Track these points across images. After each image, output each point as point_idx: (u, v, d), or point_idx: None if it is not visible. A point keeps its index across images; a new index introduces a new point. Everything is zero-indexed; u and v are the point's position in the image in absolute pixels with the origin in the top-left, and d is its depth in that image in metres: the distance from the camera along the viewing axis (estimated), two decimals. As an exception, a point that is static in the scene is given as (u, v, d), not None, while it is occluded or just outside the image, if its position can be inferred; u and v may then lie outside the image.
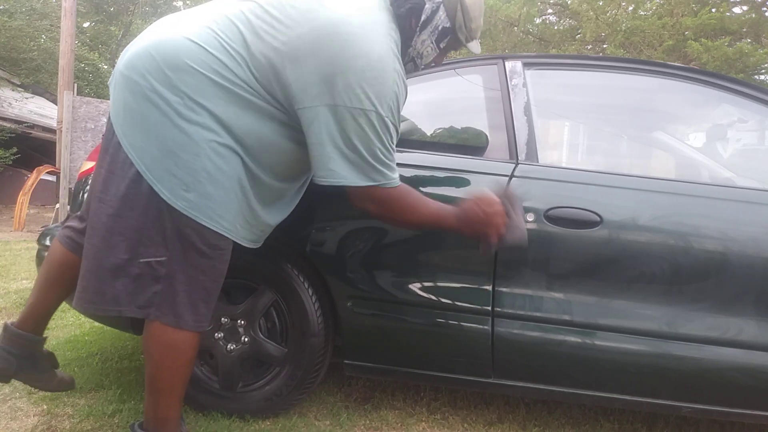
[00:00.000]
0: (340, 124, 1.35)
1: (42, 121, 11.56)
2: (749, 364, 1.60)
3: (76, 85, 8.78)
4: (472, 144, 1.90)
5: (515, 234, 1.49)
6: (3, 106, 10.61)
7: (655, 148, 2.37)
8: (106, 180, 1.39)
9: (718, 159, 2.41)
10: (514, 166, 1.74)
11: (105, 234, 1.36)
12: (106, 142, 1.43)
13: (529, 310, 1.68)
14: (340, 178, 1.39)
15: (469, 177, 1.75)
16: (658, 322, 1.62)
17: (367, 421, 1.87)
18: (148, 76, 1.34)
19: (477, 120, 1.97)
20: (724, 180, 2.11)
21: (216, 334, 1.79)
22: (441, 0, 1.48)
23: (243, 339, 1.79)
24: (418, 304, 1.74)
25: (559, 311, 1.66)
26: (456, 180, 1.76)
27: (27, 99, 11.73)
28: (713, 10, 9.74)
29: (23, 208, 7.84)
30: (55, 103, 10.71)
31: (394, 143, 1.44)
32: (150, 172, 1.33)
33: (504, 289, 1.68)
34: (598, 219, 1.64)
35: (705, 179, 2.16)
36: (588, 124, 2.38)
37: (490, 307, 1.69)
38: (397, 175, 1.45)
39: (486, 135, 1.90)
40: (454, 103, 2.13)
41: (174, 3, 18.42)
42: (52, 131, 9.95)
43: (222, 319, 1.78)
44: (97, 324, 2.60)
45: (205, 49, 1.34)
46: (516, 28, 12.30)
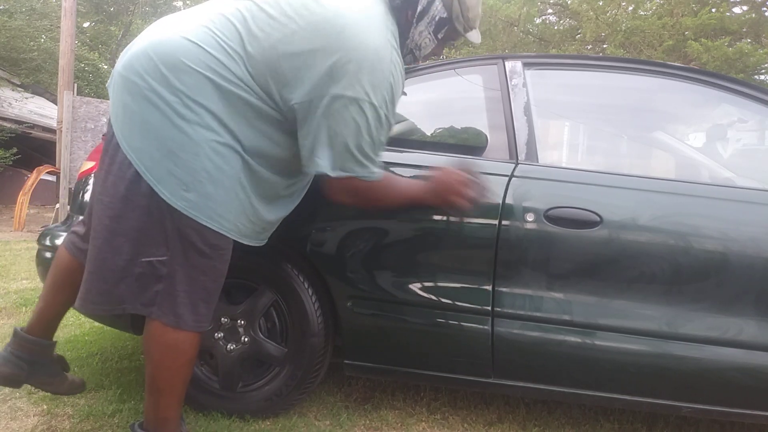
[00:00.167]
0: (332, 113, 1.35)
1: (42, 121, 11.55)
2: (749, 364, 1.60)
3: (76, 85, 8.79)
4: (472, 144, 1.90)
5: (478, 190, 1.59)
6: (3, 106, 10.61)
7: (655, 148, 2.36)
8: (106, 182, 1.39)
9: (718, 159, 2.41)
10: (514, 166, 1.74)
11: (107, 236, 1.37)
12: (106, 144, 1.43)
13: (529, 310, 1.68)
14: (324, 168, 1.40)
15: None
16: (658, 322, 1.62)
17: (367, 421, 1.87)
18: (146, 76, 1.34)
19: (477, 120, 1.97)
20: (724, 180, 2.11)
21: (216, 334, 1.79)
22: None
23: (243, 339, 1.79)
24: (418, 304, 1.74)
25: (559, 311, 1.66)
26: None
27: (27, 99, 11.73)
28: (713, 10, 9.74)
29: (23, 208, 7.84)
30: (55, 103, 10.71)
31: (384, 136, 1.44)
32: (149, 172, 1.33)
33: (504, 289, 1.68)
34: (598, 219, 1.64)
35: (705, 179, 2.16)
36: (588, 124, 2.38)
37: (490, 307, 1.69)
38: (379, 169, 1.46)
39: (486, 135, 1.90)
40: (454, 103, 2.13)
41: (174, 3, 18.42)
42: (52, 131, 9.94)
43: (222, 319, 1.78)
44: (97, 324, 2.60)
45: (202, 47, 1.34)
46: (516, 28, 12.30)
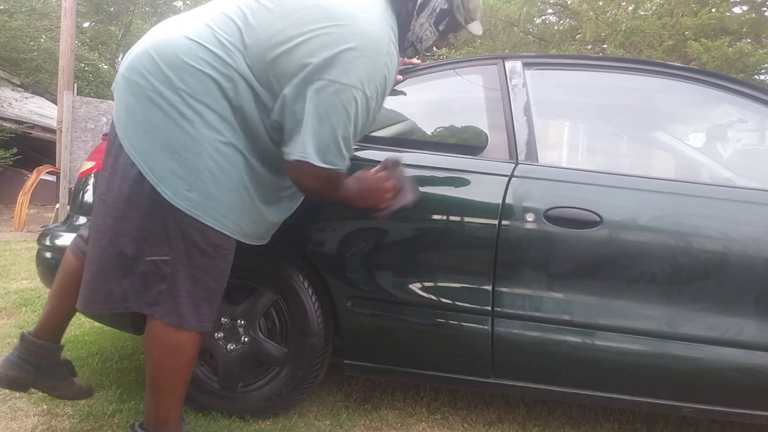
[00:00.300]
0: (324, 98, 1.32)
1: (42, 121, 11.55)
2: (749, 364, 1.60)
3: (76, 85, 8.79)
4: (471, 144, 1.90)
5: (404, 197, 1.56)
6: (3, 106, 10.61)
7: (655, 148, 2.36)
8: (109, 182, 1.39)
9: (718, 159, 2.41)
10: (514, 166, 1.74)
11: (111, 236, 1.37)
12: (109, 145, 1.44)
13: (529, 310, 1.68)
14: (304, 155, 1.35)
15: (469, 177, 1.75)
16: (658, 322, 1.62)
17: (367, 421, 1.87)
18: (148, 76, 1.34)
19: (477, 120, 1.97)
20: (724, 180, 2.11)
21: (216, 334, 1.79)
22: None
23: (243, 339, 1.79)
24: (418, 304, 1.74)
25: (559, 311, 1.66)
26: (456, 180, 1.76)
27: (27, 99, 11.73)
28: (713, 10, 9.72)
29: (23, 208, 7.84)
30: (55, 103, 10.71)
31: (364, 129, 1.43)
32: (152, 172, 1.33)
33: (504, 289, 1.68)
34: (598, 219, 1.64)
35: (705, 179, 2.15)
36: (588, 124, 2.38)
37: (490, 307, 1.69)
38: (348, 163, 1.44)
39: (485, 135, 1.90)
40: (454, 103, 2.13)
41: (174, 3, 18.42)
42: (52, 131, 9.94)
43: (222, 319, 1.78)
44: (97, 324, 2.60)
45: (203, 45, 1.34)
46: (516, 28, 12.28)
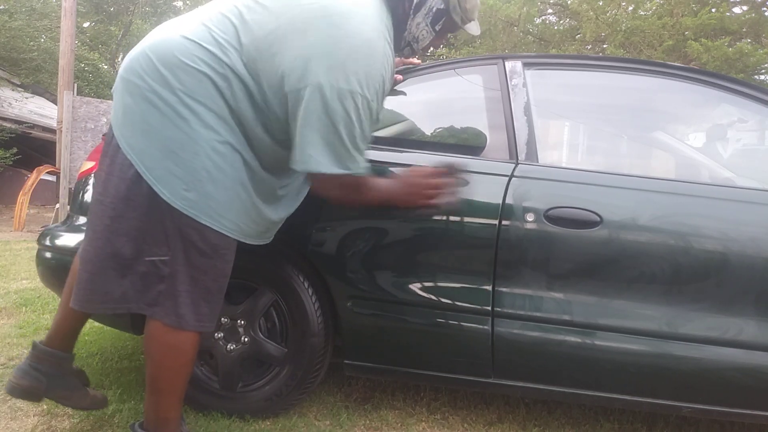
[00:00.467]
0: (325, 104, 1.32)
1: (42, 121, 11.56)
2: (749, 364, 1.60)
3: (76, 85, 8.79)
4: (470, 144, 1.90)
5: (448, 200, 1.56)
6: (3, 106, 10.62)
7: (655, 148, 2.36)
8: (106, 182, 1.39)
9: (718, 159, 2.41)
10: (514, 166, 1.74)
11: (109, 236, 1.36)
12: (106, 146, 1.44)
13: (529, 310, 1.68)
14: (316, 164, 1.36)
15: (469, 177, 1.75)
16: (658, 322, 1.62)
17: (367, 421, 1.87)
18: (145, 76, 1.34)
19: (477, 120, 1.97)
20: (724, 180, 2.11)
21: (216, 334, 1.79)
22: None
23: (243, 339, 1.79)
24: (418, 304, 1.74)
25: (559, 311, 1.66)
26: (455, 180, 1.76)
27: (27, 99, 11.73)
28: (713, 10, 9.73)
29: (23, 208, 7.84)
30: (55, 103, 10.71)
31: (369, 131, 1.43)
32: (150, 172, 1.33)
33: (504, 289, 1.68)
34: (598, 219, 1.64)
35: (705, 179, 2.15)
36: (588, 124, 2.38)
37: (490, 307, 1.69)
38: (367, 163, 1.45)
39: (485, 135, 1.89)
40: (454, 103, 2.13)
41: (174, 3, 18.41)
42: (52, 131, 9.95)
43: (222, 319, 1.78)
44: (97, 324, 2.60)
45: (199, 44, 1.35)
46: (516, 28, 12.29)
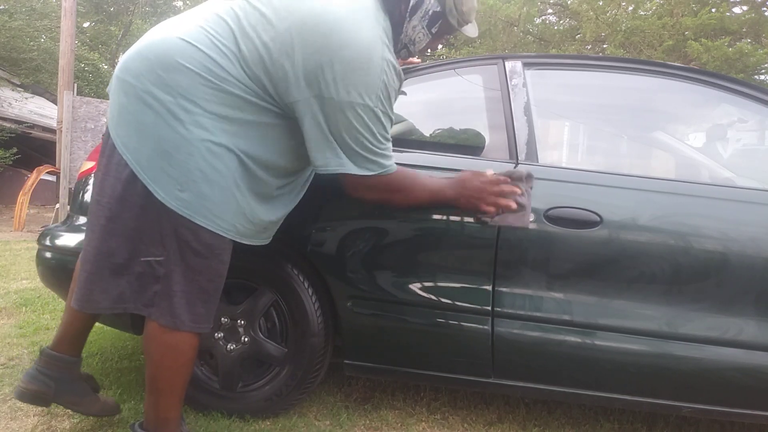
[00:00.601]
0: (328, 116, 1.36)
1: (42, 121, 11.56)
2: (749, 364, 1.60)
3: (76, 85, 8.79)
4: (470, 144, 1.90)
5: (521, 216, 1.54)
6: (3, 106, 10.62)
7: (655, 148, 2.36)
8: (103, 182, 1.40)
9: (718, 159, 2.41)
10: (514, 166, 1.74)
11: (104, 236, 1.37)
12: (103, 146, 1.44)
13: (529, 310, 1.68)
14: (337, 166, 1.41)
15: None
16: (658, 322, 1.62)
17: (367, 421, 1.87)
18: (141, 77, 1.34)
19: (477, 120, 1.97)
20: (724, 180, 2.11)
21: (216, 334, 1.79)
22: None
23: (243, 339, 1.79)
24: (418, 304, 1.74)
25: (559, 311, 1.66)
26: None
27: (27, 99, 11.74)
28: (713, 10, 9.73)
29: (23, 208, 7.84)
30: (55, 103, 10.72)
31: (387, 131, 1.44)
32: (144, 172, 1.33)
33: (504, 289, 1.68)
34: (598, 219, 1.64)
35: (705, 179, 2.15)
36: (588, 124, 2.38)
37: (490, 307, 1.69)
38: (391, 162, 1.46)
39: (484, 135, 1.89)
40: (454, 103, 2.13)
41: (174, 3, 18.41)
42: (52, 131, 9.96)
43: (222, 319, 1.78)
44: (97, 324, 2.59)
45: (196, 47, 1.34)
46: (516, 28, 12.29)
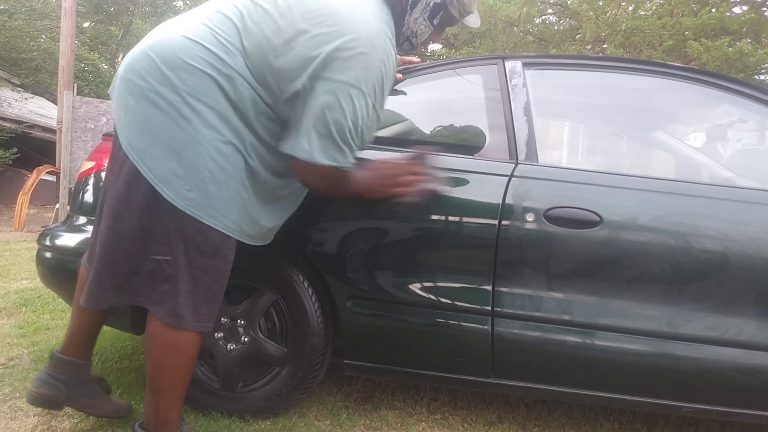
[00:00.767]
0: (321, 96, 1.34)
1: (42, 121, 11.56)
2: (749, 364, 1.60)
3: (76, 85, 8.79)
4: (470, 144, 1.90)
5: (422, 188, 1.56)
6: (3, 106, 10.62)
7: (655, 148, 2.36)
8: (112, 183, 1.40)
9: (718, 159, 2.41)
10: (513, 166, 1.74)
11: (115, 236, 1.38)
12: (113, 147, 1.45)
13: (529, 310, 1.67)
14: (303, 152, 1.38)
15: (469, 177, 1.75)
16: (658, 322, 1.62)
17: (367, 421, 1.87)
18: (147, 77, 1.34)
19: (477, 120, 1.97)
20: (724, 180, 2.11)
21: (216, 334, 1.79)
22: None
23: (243, 339, 1.79)
24: (418, 304, 1.74)
25: (559, 311, 1.66)
26: (455, 180, 1.76)
27: (27, 99, 11.73)
28: (713, 10, 9.73)
29: (23, 208, 7.84)
30: (55, 103, 10.71)
31: (368, 128, 1.42)
32: (152, 172, 1.33)
33: (504, 289, 1.68)
34: (598, 219, 1.64)
35: (705, 179, 2.15)
36: (588, 124, 2.38)
37: (490, 307, 1.69)
38: (355, 159, 1.45)
39: (484, 135, 1.89)
40: (453, 103, 2.13)
41: (174, 3, 18.41)
42: (52, 131, 9.95)
43: (222, 319, 1.78)
44: (97, 324, 2.60)
45: (201, 44, 1.35)
46: (516, 28, 12.29)
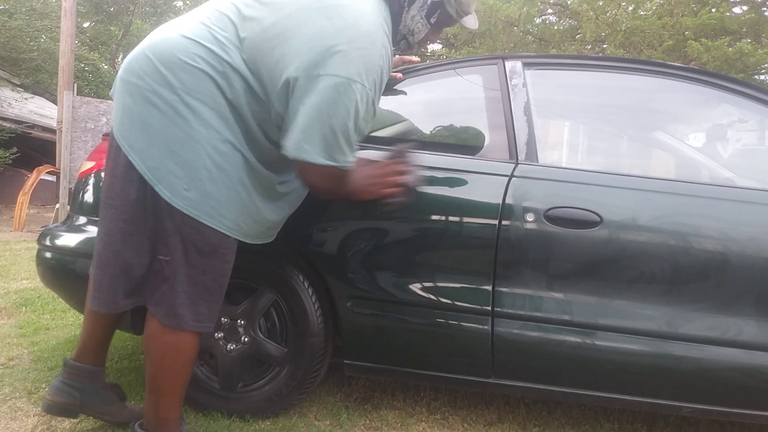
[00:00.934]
0: (321, 94, 1.30)
1: (42, 121, 11.56)
2: (749, 364, 1.60)
3: (76, 85, 8.79)
4: (470, 144, 1.90)
5: (408, 192, 1.58)
6: (3, 106, 10.62)
7: (655, 148, 2.36)
8: (113, 185, 1.40)
9: (718, 159, 2.41)
10: (513, 166, 1.74)
11: (124, 238, 1.38)
12: (110, 148, 1.45)
13: (529, 310, 1.67)
14: (305, 153, 1.34)
15: (469, 177, 1.75)
16: (658, 322, 1.62)
17: (367, 421, 1.87)
18: (145, 76, 1.34)
19: (477, 120, 1.97)
20: (724, 180, 2.11)
21: (216, 334, 1.79)
22: None
23: (243, 339, 1.79)
24: (418, 304, 1.74)
25: (559, 311, 1.66)
26: (455, 180, 1.76)
27: (27, 99, 11.73)
28: (713, 10, 9.73)
29: (23, 208, 7.84)
30: (55, 103, 10.71)
31: (366, 125, 1.40)
32: (151, 172, 1.33)
33: (504, 289, 1.68)
34: (598, 219, 1.64)
35: (705, 179, 2.15)
36: (588, 124, 2.38)
37: (490, 307, 1.69)
38: (354, 158, 1.43)
39: (484, 135, 1.89)
40: (454, 103, 2.13)
41: (174, 3, 18.41)
42: (52, 131, 9.96)
43: (222, 319, 1.78)
44: (97, 324, 2.60)
45: (198, 42, 1.35)
46: (516, 28, 12.30)
